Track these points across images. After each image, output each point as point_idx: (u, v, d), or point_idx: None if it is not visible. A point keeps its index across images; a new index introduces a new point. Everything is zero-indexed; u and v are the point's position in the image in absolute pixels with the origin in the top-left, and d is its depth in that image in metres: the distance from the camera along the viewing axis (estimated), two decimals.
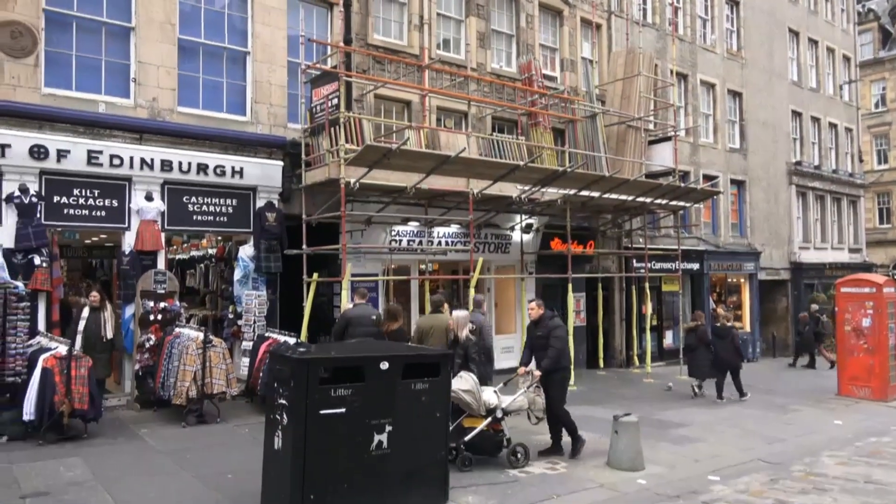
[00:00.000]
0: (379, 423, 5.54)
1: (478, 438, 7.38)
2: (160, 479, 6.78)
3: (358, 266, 11.95)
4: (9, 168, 9.38)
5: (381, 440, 5.55)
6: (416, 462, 5.76)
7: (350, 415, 5.39)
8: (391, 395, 5.61)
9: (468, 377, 7.49)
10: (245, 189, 11.45)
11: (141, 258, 10.39)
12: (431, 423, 5.86)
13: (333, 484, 5.36)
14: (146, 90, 10.66)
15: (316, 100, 11.52)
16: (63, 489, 6.37)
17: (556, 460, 7.81)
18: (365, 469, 5.49)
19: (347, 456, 5.42)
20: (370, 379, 5.51)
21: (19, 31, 9.65)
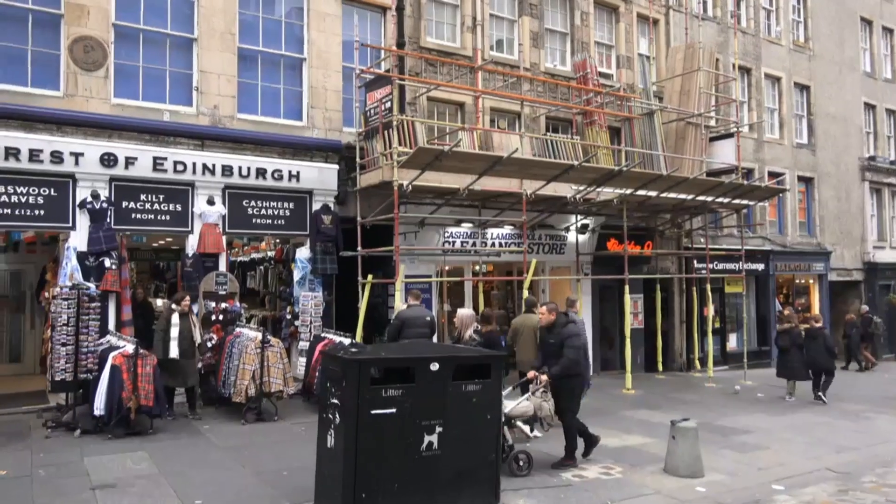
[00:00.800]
0: (429, 424, 5.56)
1: None
2: (220, 473, 6.99)
3: (412, 267, 12.04)
4: (82, 175, 9.88)
5: (432, 441, 5.56)
6: (467, 463, 5.75)
7: (401, 415, 5.42)
8: (442, 397, 5.61)
9: None
10: (302, 192, 11.70)
11: (203, 260, 10.76)
12: (482, 425, 5.83)
13: (384, 483, 5.40)
14: (208, 98, 11.03)
15: (370, 103, 11.68)
16: (130, 481, 6.64)
17: (611, 465, 7.65)
18: (415, 469, 5.51)
19: (398, 456, 5.45)
20: (421, 380, 5.53)
21: (91, 45, 10.15)
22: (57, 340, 8.92)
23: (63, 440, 8.19)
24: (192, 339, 9.38)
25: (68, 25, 10.04)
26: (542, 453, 7.64)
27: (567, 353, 7.33)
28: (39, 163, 9.57)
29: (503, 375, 6.26)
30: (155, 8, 10.82)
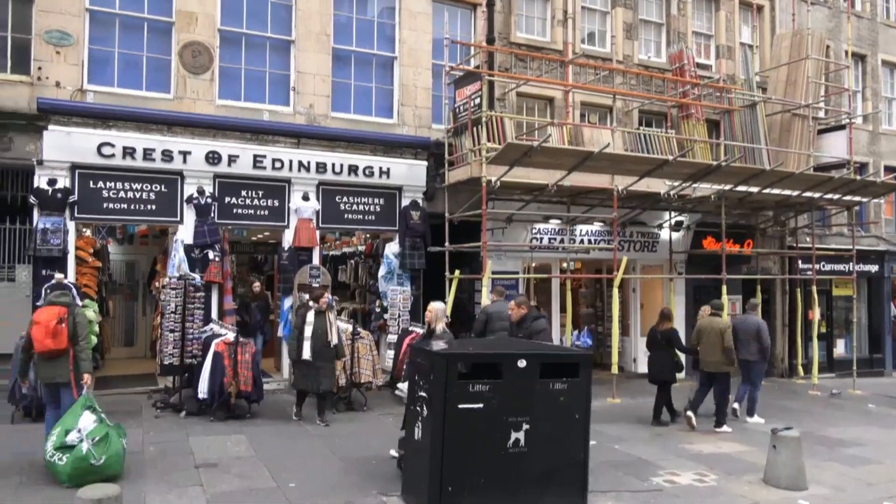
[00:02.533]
0: (516, 421, 5.53)
1: None
2: (311, 460, 7.25)
3: (498, 264, 12.03)
4: (189, 172, 10.51)
5: (518, 438, 5.54)
6: (554, 462, 5.68)
7: (487, 411, 5.43)
8: (529, 394, 5.58)
9: None
10: (391, 189, 11.93)
11: (298, 254, 11.20)
12: (570, 424, 5.75)
13: (470, 477, 5.43)
14: (304, 98, 11.45)
15: (459, 100, 11.74)
16: (230, 462, 7.02)
17: (705, 472, 7.34)
18: (501, 466, 5.50)
19: (484, 451, 5.46)
20: (508, 376, 5.52)
21: (199, 50, 10.77)
22: (166, 327, 9.57)
23: (170, 420, 8.75)
24: (325, 340, 8.63)
25: (178, 32, 10.69)
26: None
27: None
28: (152, 161, 10.26)
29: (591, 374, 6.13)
30: (256, 13, 11.33)
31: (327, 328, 8.67)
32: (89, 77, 10.25)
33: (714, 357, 9.46)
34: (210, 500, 5.86)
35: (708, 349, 9.55)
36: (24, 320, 9.54)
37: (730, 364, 9.55)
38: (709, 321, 9.71)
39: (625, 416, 10.16)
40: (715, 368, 9.50)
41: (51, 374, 6.53)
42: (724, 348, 9.38)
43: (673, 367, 9.85)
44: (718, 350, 9.40)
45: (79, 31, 10.10)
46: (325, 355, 8.65)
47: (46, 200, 9.71)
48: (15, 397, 8.27)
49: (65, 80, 10.00)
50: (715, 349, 9.44)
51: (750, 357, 9.98)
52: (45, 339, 6.33)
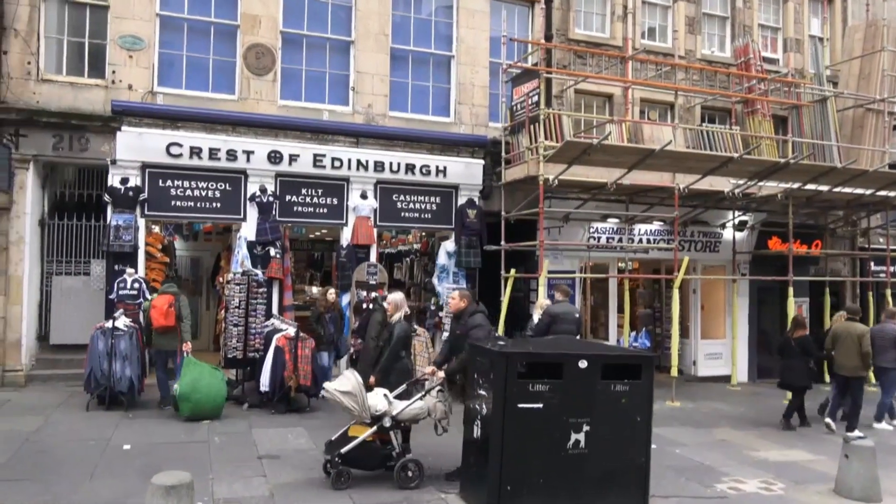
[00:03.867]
0: (576, 422, 5.47)
1: (359, 450, 6.17)
2: None
3: (555, 262, 11.92)
4: (252, 171, 10.79)
5: (579, 439, 5.47)
6: (614, 465, 5.59)
7: (547, 411, 5.39)
8: (590, 395, 5.51)
9: (350, 376, 6.31)
10: (448, 187, 11.97)
11: (356, 251, 11.36)
12: (631, 427, 5.64)
13: (529, 477, 5.40)
14: (362, 98, 11.60)
15: (516, 98, 11.68)
16: (290, 454, 7.18)
17: (771, 480, 7.10)
18: (561, 466, 5.45)
19: (544, 452, 5.42)
20: (568, 376, 5.46)
21: (262, 51, 11.05)
22: (229, 321, 9.87)
23: (233, 411, 8.99)
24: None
25: (243, 34, 10.99)
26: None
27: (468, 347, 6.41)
28: (217, 160, 10.58)
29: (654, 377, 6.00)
30: (317, 14, 11.55)
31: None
32: (159, 80, 10.65)
33: (851, 362, 9.43)
34: (273, 491, 6.01)
35: (844, 354, 9.53)
36: (98, 313, 10.06)
37: (866, 369, 9.53)
38: (845, 326, 9.71)
39: (685, 420, 9.92)
40: (851, 373, 9.46)
41: (164, 343, 8.84)
42: (862, 353, 9.33)
43: (808, 373, 9.93)
44: (855, 355, 9.37)
45: (150, 36, 10.51)
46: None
47: (119, 198, 10.15)
48: (90, 386, 8.67)
49: (137, 83, 10.42)
50: (851, 354, 9.41)
51: (886, 364, 9.77)
52: (160, 318, 8.64)
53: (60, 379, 10.11)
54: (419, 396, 6.46)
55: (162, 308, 8.70)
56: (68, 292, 10.72)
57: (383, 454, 6.33)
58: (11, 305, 9.98)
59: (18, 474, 5.70)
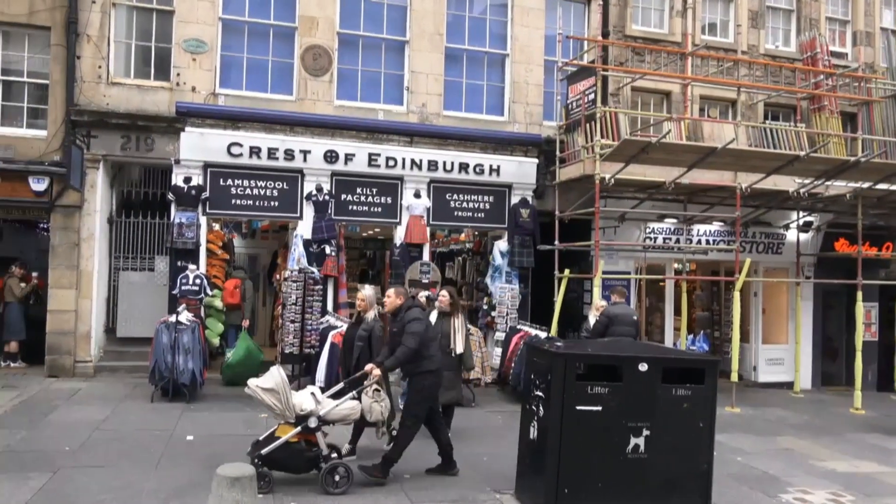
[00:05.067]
0: (636, 426, 5.36)
1: (282, 452, 5.82)
2: (424, 451, 7.26)
3: (610, 263, 11.73)
4: (309, 170, 10.98)
5: (638, 444, 5.36)
6: (676, 471, 5.45)
7: (606, 414, 5.30)
8: (650, 399, 5.39)
9: (275, 372, 5.90)
10: (501, 186, 11.91)
11: (409, 250, 11.43)
12: (693, 433, 5.49)
13: (587, 481, 5.32)
14: (417, 97, 11.66)
15: (572, 96, 11.54)
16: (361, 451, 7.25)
17: (839, 492, 6.81)
18: (620, 471, 5.35)
19: (602, 455, 5.33)
20: (628, 379, 5.36)
21: (319, 53, 11.22)
22: (286, 318, 10.06)
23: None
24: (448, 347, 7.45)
25: (301, 36, 11.19)
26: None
27: (405, 341, 6.05)
28: (275, 160, 10.81)
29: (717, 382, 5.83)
30: (373, 15, 11.66)
31: (451, 333, 7.57)
32: (221, 81, 10.95)
33: None
34: None
35: None
36: (161, 307, 10.40)
37: None
38: None
39: (746, 427, 9.62)
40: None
41: (231, 318, 10.99)
42: None
43: None
44: None
45: (212, 39, 10.81)
46: (446, 363, 7.29)
47: (182, 197, 10.48)
48: (155, 378, 8.98)
49: (200, 84, 10.73)
50: None
51: None
52: (228, 297, 10.73)
53: (126, 370, 10.51)
54: (349, 396, 6.11)
55: (230, 289, 10.87)
56: (134, 287, 11.13)
57: (309, 456, 5.92)
58: (82, 299, 10.43)
59: (91, 461, 5.95)
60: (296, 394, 5.98)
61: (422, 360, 6.16)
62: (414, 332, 6.03)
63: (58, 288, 10.33)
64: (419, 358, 6.13)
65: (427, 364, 6.20)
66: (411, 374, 6.31)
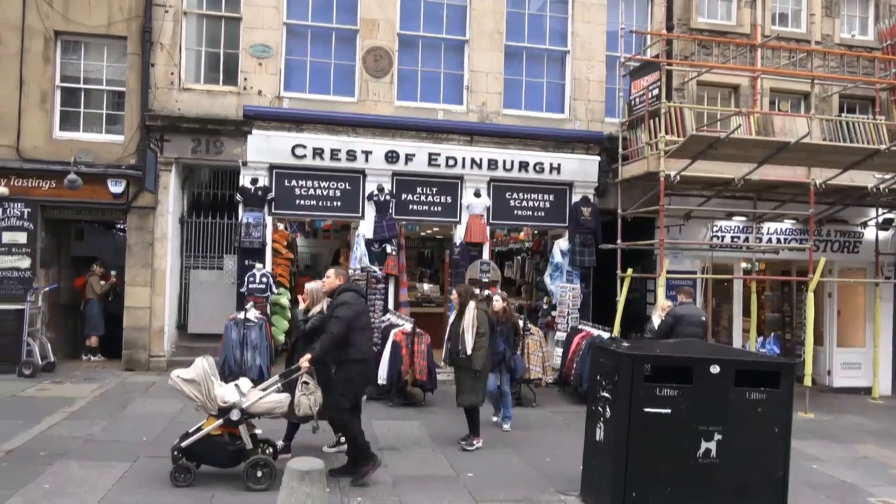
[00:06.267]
0: (707, 430, 5.20)
1: (203, 444, 5.76)
2: (486, 451, 7.36)
3: (674, 262, 11.42)
4: (370, 171, 11.14)
5: (710, 448, 5.20)
6: (749, 478, 5.27)
7: (675, 417, 5.16)
8: (722, 402, 5.22)
9: (199, 362, 5.83)
10: (561, 185, 11.79)
11: (469, 249, 11.44)
12: (768, 438, 5.29)
13: (655, 485, 5.20)
14: (476, 96, 11.65)
15: (635, 92, 11.31)
16: (408, 447, 7.34)
17: None
18: (690, 476, 5.21)
19: (671, 459, 5.20)
20: (699, 382, 5.20)
21: (380, 54, 11.36)
22: None
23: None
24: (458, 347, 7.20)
25: (362, 38, 11.35)
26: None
27: (329, 327, 5.81)
28: (338, 161, 11.00)
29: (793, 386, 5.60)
30: (432, 15, 11.72)
31: (459, 331, 7.18)
32: (285, 85, 11.22)
33: None
34: (394, 482, 6.16)
35: None
36: (230, 304, 10.73)
37: None
38: None
39: (821, 433, 9.21)
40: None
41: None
42: None
43: None
44: None
45: (277, 43, 11.09)
46: (460, 364, 7.22)
47: (249, 197, 10.80)
48: (224, 373, 9.26)
49: (265, 88, 11.03)
50: None
51: None
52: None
53: None
54: (274, 388, 5.98)
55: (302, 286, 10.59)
56: (204, 285, 11.53)
57: (231, 450, 5.80)
58: (156, 296, 10.87)
59: (167, 451, 6.18)
60: (220, 386, 5.91)
61: (347, 348, 5.91)
62: (339, 316, 5.80)
63: (133, 286, 10.81)
64: (345, 345, 5.88)
65: (353, 353, 5.95)
66: (338, 363, 6.00)
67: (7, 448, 6.58)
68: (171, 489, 5.69)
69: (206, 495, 5.59)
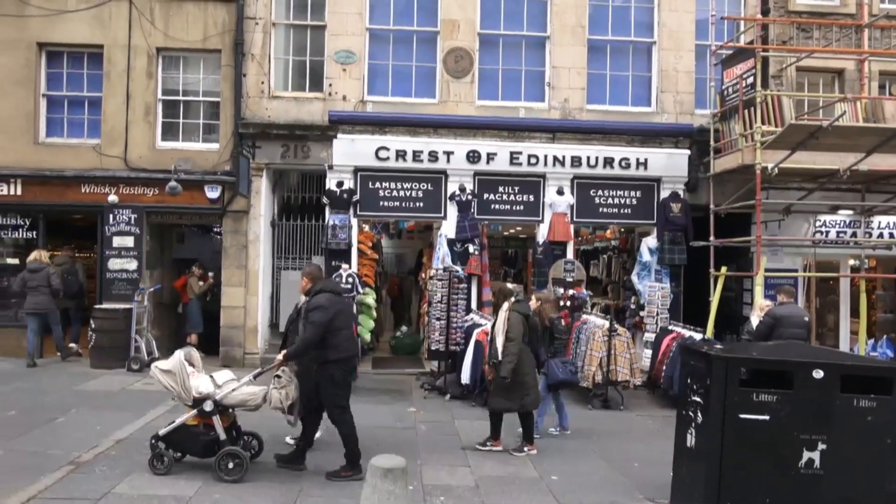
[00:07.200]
0: (810, 439, 4.86)
1: (180, 434, 5.93)
2: (571, 454, 7.22)
3: (773, 260, 10.82)
4: (452, 171, 11.18)
5: (813, 458, 4.86)
6: (857, 490, 4.87)
7: (774, 424, 4.85)
8: (826, 409, 4.86)
9: (177, 355, 6.01)
10: (649, 180, 11.40)
11: (552, 248, 11.27)
12: (878, 449, 4.88)
13: (751, 495, 4.90)
14: (558, 92, 11.46)
15: (727, 81, 10.77)
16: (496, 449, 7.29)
17: None
18: (791, 487, 4.88)
19: (769, 468, 4.89)
20: (800, 387, 4.86)
21: (460, 55, 11.39)
22: (432, 315, 10.30)
23: (436, 402, 9.39)
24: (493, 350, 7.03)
25: (443, 40, 11.42)
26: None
27: (305, 332, 5.90)
28: (420, 162, 11.12)
29: None
30: (513, 13, 11.63)
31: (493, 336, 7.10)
32: (368, 89, 11.45)
33: None
34: (478, 482, 6.14)
35: None
36: None
37: None
38: None
39: None
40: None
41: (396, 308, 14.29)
42: None
43: None
44: None
45: (360, 49, 11.34)
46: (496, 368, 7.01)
47: (335, 200, 11.10)
48: None
49: (349, 93, 11.30)
50: None
51: None
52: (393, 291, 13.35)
53: None
54: (246, 381, 6.11)
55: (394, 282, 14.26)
56: (294, 285, 11.82)
57: (205, 441, 5.96)
58: (250, 296, 11.37)
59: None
60: (196, 377, 6.06)
61: (326, 349, 5.96)
62: (313, 321, 5.89)
63: (229, 286, 11.36)
64: (323, 346, 5.95)
65: (331, 353, 5.99)
66: (318, 363, 6.04)
67: (117, 437, 7.06)
68: (259, 476, 5.92)
69: (295, 488, 5.78)
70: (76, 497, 5.36)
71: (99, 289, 11.37)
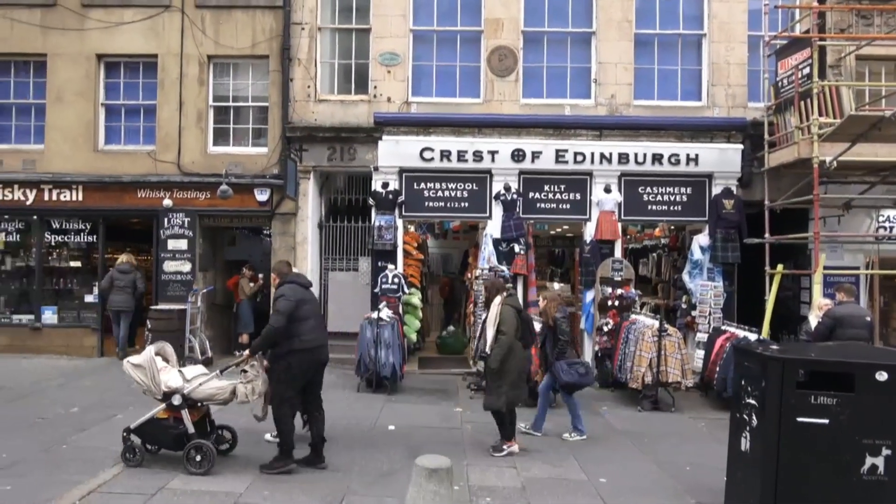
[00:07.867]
0: (873, 444, 4.63)
1: (150, 426, 6.11)
2: (619, 455, 7.09)
3: (833, 257, 10.40)
4: (497, 170, 11.13)
5: (876, 464, 4.63)
6: None
7: (834, 428, 4.65)
8: (891, 413, 4.63)
9: (147, 350, 6.19)
10: (700, 176, 11.11)
11: (600, 247, 11.09)
12: None
13: (810, 501, 4.71)
14: (605, 89, 11.27)
15: (781, 72, 10.41)
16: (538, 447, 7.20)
17: None
18: (851, 493, 4.66)
19: (828, 474, 4.68)
20: (862, 390, 4.64)
21: (504, 53, 11.33)
22: (478, 315, 10.26)
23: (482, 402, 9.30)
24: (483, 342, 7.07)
25: (486, 39, 11.37)
26: None
27: (270, 320, 5.98)
28: (464, 162, 11.10)
29: None
30: (557, 10, 11.50)
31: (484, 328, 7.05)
32: (413, 90, 11.50)
33: None
34: (525, 484, 6.08)
35: None
36: (364, 304, 11.16)
37: None
38: None
39: None
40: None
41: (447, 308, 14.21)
42: None
43: None
44: None
45: (404, 51, 11.40)
46: (485, 362, 7.05)
47: (381, 201, 11.18)
48: (360, 370, 9.67)
49: (394, 95, 11.37)
50: None
51: None
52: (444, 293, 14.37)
53: (335, 362, 11.25)
54: (214, 375, 6.25)
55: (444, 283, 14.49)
56: (341, 286, 12.10)
57: (174, 434, 6.08)
58: None
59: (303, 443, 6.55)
60: (166, 372, 6.20)
61: (291, 339, 5.99)
62: (277, 310, 5.97)
63: None
64: (288, 336, 5.97)
65: (296, 343, 6.00)
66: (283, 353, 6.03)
67: None
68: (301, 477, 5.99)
69: (342, 487, 5.84)
70: (132, 492, 5.53)
71: (155, 290, 11.75)
